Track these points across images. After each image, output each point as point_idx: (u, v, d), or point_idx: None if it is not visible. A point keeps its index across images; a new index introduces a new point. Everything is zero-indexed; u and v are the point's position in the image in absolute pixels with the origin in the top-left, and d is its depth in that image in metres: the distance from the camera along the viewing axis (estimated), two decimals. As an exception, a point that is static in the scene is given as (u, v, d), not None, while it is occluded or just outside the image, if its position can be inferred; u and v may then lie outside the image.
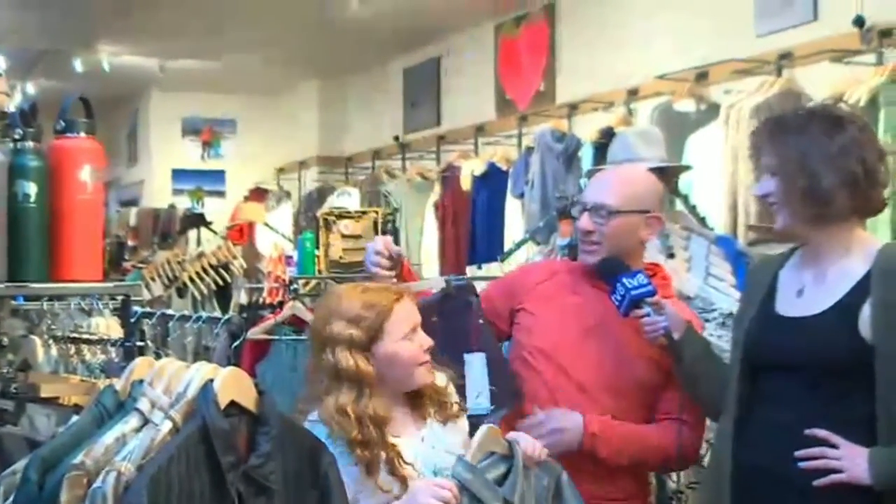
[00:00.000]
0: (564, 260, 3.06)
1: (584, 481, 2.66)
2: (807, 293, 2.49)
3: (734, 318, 2.79)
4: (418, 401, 2.50)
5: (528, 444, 2.40)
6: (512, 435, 2.42)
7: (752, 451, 2.47)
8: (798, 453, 2.38)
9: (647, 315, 2.73)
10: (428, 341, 2.50)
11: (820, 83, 4.63)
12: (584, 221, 2.90)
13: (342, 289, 2.52)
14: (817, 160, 2.41)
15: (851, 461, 2.33)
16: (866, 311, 2.38)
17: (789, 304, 2.52)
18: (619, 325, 2.84)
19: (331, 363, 2.39)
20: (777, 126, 2.52)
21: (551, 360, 2.87)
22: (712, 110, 5.15)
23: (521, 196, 6.26)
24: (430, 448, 2.43)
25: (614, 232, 2.86)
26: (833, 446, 2.35)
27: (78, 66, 8.98)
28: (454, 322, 2.89)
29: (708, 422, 3.13)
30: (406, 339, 2.45)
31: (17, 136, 2.61)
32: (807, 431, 2.38)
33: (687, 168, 4.50)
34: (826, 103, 2.93)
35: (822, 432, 2.37)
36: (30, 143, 2.61)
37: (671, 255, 3.83)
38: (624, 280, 2.74)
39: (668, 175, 4.11)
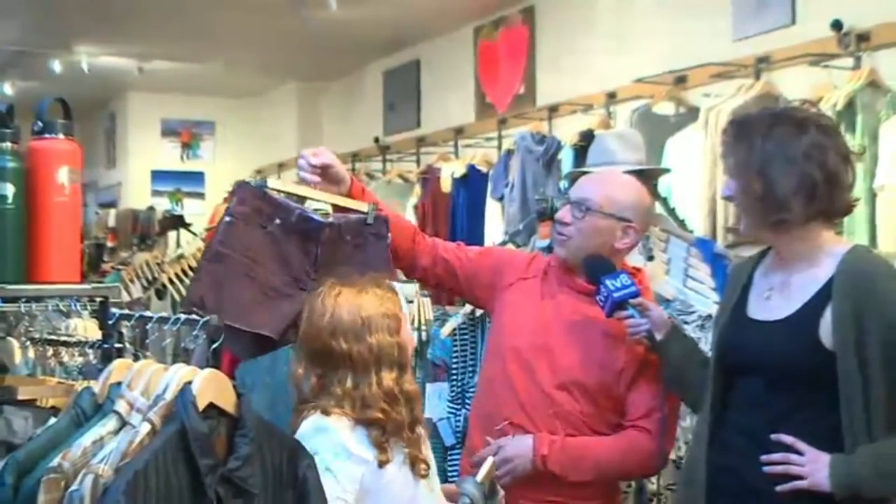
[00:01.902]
0: (549, 257, 3.06)
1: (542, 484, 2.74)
2: (774, 297, 2.49)
3: (714, 320, 2.79)
4: None
5: None
6: None
7: (724, 454, 2.48)
8: (763, 458, 2.38)
9: (631, 316, 2.73)
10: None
11: (798, 87, 4.65)
12: (563, 212, 2.91)
13: (345, 287, 2.46)
14: (774, 165, 2.39)
15: (813, 467, 2.33)
16: (827, 318, 2.37)
17: (759, 307, 2.52)
18: (592, 329, 2.85)
19: (370, 347, 2.37)
20: (740, 128, 2.49)
21: (520, 361, 2.88)
22: (691, 113, 5.17)
23: (501, 198, 6.26)
24: None
25: (587, 230, 2.87)
26: (798, 452, 2.36)
27: (56, 67, 8.94)
28: (363, 250, 2.86)
29: (686, 423, 3.14)
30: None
31: (-7, 137, 2.59)
32: (773, 436, 2.38)
33: (666, 171, 4.50)
34: (792, 105, 2.89)
35: (787, 438, 2.37)
36: (7, 144, 2.59)
37: (650, 258, 3.82)
38: (607, 282, 2.74)
39: (647, 178, 4.11)
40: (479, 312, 4.01)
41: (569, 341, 2.86)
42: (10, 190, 2.55)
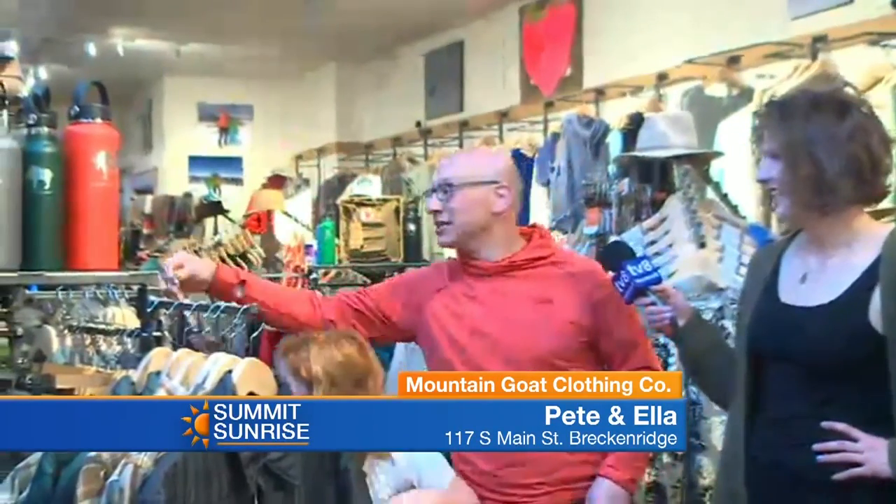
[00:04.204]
0: (446, 262, 3.05)
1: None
2: (810, 281, 2.45)
3: (738, 304, 2.72)
4: None
5: None
6: None
7: (764, 445, 2.43)
8: (816, 446, 2.33)
9: (653, 304, 2.66)
10: None
11: (855, 67, 4.56)
12: (433, 202, 2.88)
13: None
14: (822, 147, 2.37)
15: (872, 454, 2.29)
16: (876, 301, 2.32)
17: (792, 292, 2.47)
18: (528, 302, 2.80)
19: None
20: (782, 109, 2.47)
21: (495, 363, 2.77)
22: (745, 95, 5.09)
23: (547, 183, 6.21)
24: None
25: (461, 207, 2.83)
26: (852, 439, 2.31)
27: (91, 50, 8.95)
28: None
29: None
30: None
31: (31, 122, 2.59)
32: (824, 424, 2.34)
33: (718, 155, 4.44)
34: (834, 87, 2.89)
35: (840, 425, 2.32)
36: (44, 129, 2.59)
37: (702, 245, 3.77)
38: (628, 267, 2.67)
39: (699, 162, 4.05)
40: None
41: (517, 325, 2.80)
42: (47, 175, 2.55)
